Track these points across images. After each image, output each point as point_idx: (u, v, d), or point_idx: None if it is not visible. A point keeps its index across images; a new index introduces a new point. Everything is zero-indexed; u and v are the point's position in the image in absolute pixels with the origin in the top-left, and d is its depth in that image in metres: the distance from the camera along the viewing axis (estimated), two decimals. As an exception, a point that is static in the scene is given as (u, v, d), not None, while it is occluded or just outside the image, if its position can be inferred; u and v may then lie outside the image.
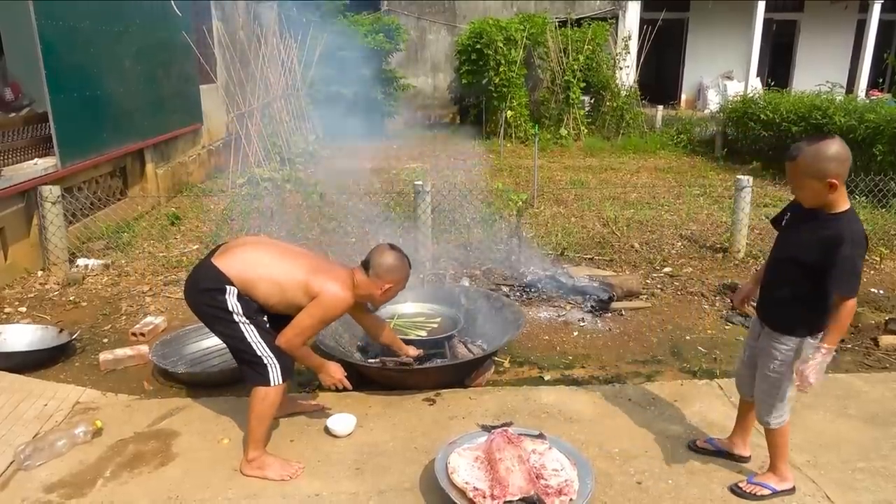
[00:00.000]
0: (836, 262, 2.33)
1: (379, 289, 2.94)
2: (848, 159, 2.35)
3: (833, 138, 2.36)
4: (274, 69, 9.86)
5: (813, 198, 2.42)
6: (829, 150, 2.32)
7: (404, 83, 14.13)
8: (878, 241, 6.29)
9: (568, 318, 4.69)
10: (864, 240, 2.40)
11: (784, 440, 2.71)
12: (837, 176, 2.32)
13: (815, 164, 2.33)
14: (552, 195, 8.37)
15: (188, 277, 2.91)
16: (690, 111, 15.95)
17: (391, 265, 2.93)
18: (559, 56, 13.01)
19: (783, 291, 2.58)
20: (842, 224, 2.38)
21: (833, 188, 2.34)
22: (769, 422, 2.66)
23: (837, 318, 2.38)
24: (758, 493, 2.69)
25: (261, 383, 2.78)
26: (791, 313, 2.53)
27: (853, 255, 2.33)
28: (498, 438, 2.75)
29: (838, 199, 2.39)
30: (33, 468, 2.85)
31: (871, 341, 4.30)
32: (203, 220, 7.16)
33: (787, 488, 2.72)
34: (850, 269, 2.33)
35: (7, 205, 5.17)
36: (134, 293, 5.08)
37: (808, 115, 9.41)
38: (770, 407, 2.64)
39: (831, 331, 2.40)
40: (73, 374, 3.84)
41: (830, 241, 2.36)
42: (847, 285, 2.34)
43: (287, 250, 2.96)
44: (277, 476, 2.79)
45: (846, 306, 2.36)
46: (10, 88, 6.58)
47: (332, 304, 2.79)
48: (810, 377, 2.39)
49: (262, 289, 2.78)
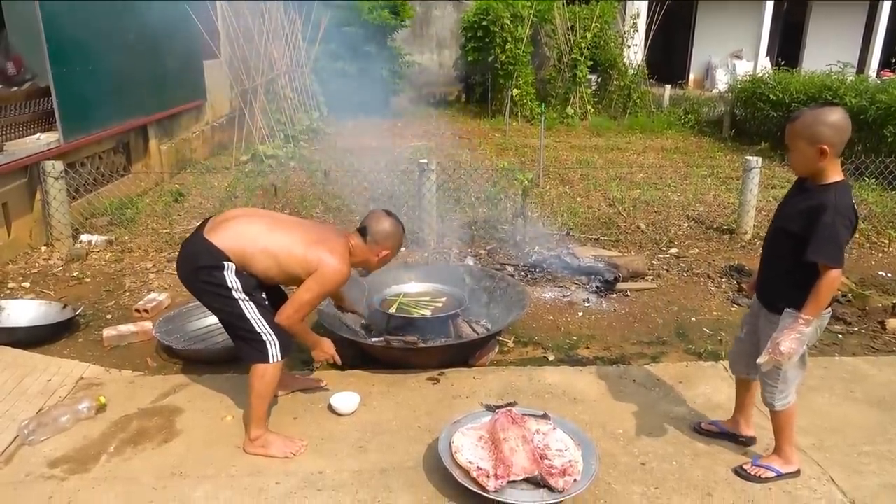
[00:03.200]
0: (817, 229, 2.29)
1: (376, 255, 2.94)
2: (846, 130, 2.30)
3: (837, 107, 2.33)
4: (278, 45, 9.75)
5: (802, 162, 2.38)
6: (828, 116, 2.29)
7: (409, 60, 13.97)
8: (887, 223, 6.23)
9: (573, 299, 4.66)
10: (850, 211, 2.33)
11: (790, 423, 2.68)
12: (830, 143, 2.28)
13: (811, 127, 2.30)
14: (558, 175, 8.31)
15: (181, 254, 2.85)
16: (698, 91, 15.76)
17: (389, 231, 2.92)
18: (566, 34, 12.83)
19: (776, 267, 2.55)
20: (829, 194, 2.33)
21: (823, 155, 2.30)
22: (773, 404, 2.63)
23: (818, 287, 2.31)
24: (762, 475, 2.68)
25: (260, 360, 2.76)
26: (784, 291, 2.46)
27: (834, 223, 2.28)
28: (502, 418, 2.73)
29: (829, 169, 2.35)
30: (37, 443, 2.86)
31: (879, 325, 4.27)
32: (207, 196, 7.13)
33: (792, 471, 2.70)
34: (830, 236, 2.27)
35: (10, 180, 5.14)
36: (137, 269, 5.07)
37: (818, 95, 9.28)
38: (773, 389, 2.61)
39: (809, 301, 2.33)
40: (77, 350, 3.84)
41: (815, 209, 2.32)
42: (825, 252, 2.28)
43: (280, 220, 2.90)
44: (281, 453, 2.79)
45: (828, 276, 2.29)
46: (12, 62, 6.52)
47: (330, 279, 2.75)
48: (782, 346, 2.34)
49: (260, 263, 2.73)
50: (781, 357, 2.34)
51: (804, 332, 2.34)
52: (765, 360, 2.40)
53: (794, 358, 2.36)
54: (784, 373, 2.56)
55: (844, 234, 2.30)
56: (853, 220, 2.35)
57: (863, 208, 6.74)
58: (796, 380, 2.62)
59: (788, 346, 2.33)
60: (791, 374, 2.58)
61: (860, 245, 5.87)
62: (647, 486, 2.65)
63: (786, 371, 2.55)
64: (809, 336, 2.43)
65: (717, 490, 2.63)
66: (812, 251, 2.29)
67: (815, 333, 2.55)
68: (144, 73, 7.37)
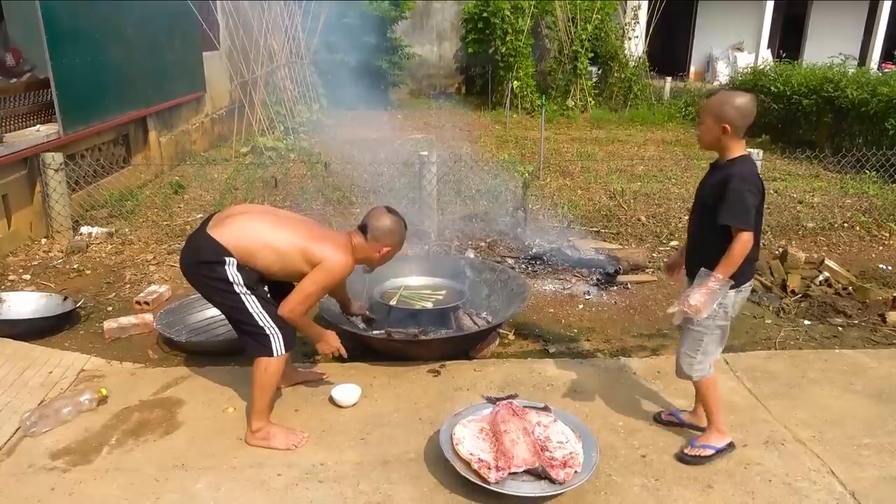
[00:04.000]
0: (725, 197, 2.46)
1: (377, 252, 2.93)
2: (749, 115, 2.51)
3: (748, 93, 2.55)
4: (278, 37, 9.71)
5: (706, 135, 2.58)
6: (736, 99, 2.50)
7: (409, 52, 13.92)
8: (887, 216, 6.23)
9: (573, 291, 4.67)
10: (754, 178, 2.52)
11: (713, 393, 2.79)
12: (732, 123, 2.49)
13: (719, 105, 2.52)
14: (558, 167, 8.30)
15: (184, 249, 2.86)
16: (699, 83, 15.75)
17: (389, 228, 2.91)
18: (567, 25, 12.79)
19: (696, 239, 2.71)
20: (734, 166, 2.53)
21: (725, 132, 2.51)
22: (691, 375, 2.74)
23: (730, 249, 2.46)
24: (702, 454, 2.75)
25: (264, 354, 2.77)
26: (705, 261, 2.57)
27: (740, 189, 2.45)
28: (503, 410, 2.74)
29: (732, 146, 2.55)
30: (39, 435, 2.87)
31: (879, 317, 4.27)
32: (207, 189, 7.12)
33: (727, 443, 2.78)
34: (737, 200, 2.45)
35: (9, 172, 5.13)
36: (138, 261, 5.07)
37: (819, 87, 9.25)
38: (692, 360, 2.72)
39: (722, 260, 2.47)
40: (78, 342, 3.84)
41: (723, 180, 2.50)
42: (733, 215, 2.45)
43: (283, 217, 2.93)
44: (282, 445, 2.80)
45: (739, 238, 2.44)
46: (11, 54, 6.51)
47: (335, 270, 2.77)
48: (691, 298, 2.48)
49: (262, 258, 2.75)
50: (690, 309, 2.49)
51: (714, 290, 2.47)
52: (675, 311, 2.56)
53: (702, 313, 2.50)
54: (705, 345, 2.68)
55: (751, 199, 2.46)
56: (759, 186, 2.53)
57: (863, 201, 6.75)
58: (715, 354, 2.75)
59: (697, 298, 2.48)
60: (710, 347, 2.71)
61: (861, 238, 5.87)
62: (648, 477, 2.66)
63: (706, 344, 2.68)
64: (729, 305, 2.60)
65: (717, 482, 2.64)
66: (722, 215, 2.47)
67: (733, 306, 2.66)
68: (144, 64, 7.35)
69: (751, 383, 3.39)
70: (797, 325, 4.20)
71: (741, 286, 2.61)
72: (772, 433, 2.96)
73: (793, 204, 6.70)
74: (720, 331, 2.70)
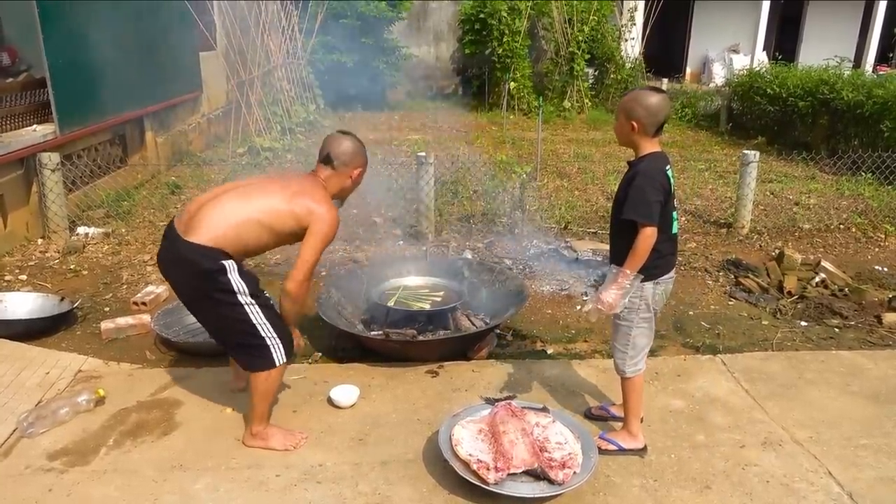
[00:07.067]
0: (630, 193, 2.55)
1: (349, 177, 2.88)
2: (657, 114, 2.55)
3: (662, 94, 2.58)
4: (274, 37, 9.69)
5: (619, 132, 2.68)
6: (647, 98, 2.56)
7: (406, 53, 13.91)
8: (884, 218, 6.26)
9: (571, 292, 4.67)
10: (657, 174, 2.56)
11: (637, 395, 2.81)
12: (640, 122, 2.55)
13: (630, 102, 2.58)
14: (555, 168, 8.31)
15: (169, 264, 2.68)
16: (695, 85, 15.77)
17: (353, 149, 2.88)
18: (564, 27, 12.80)
19: (614, 236, 2.75)
20: (641, 164, 2.61)
21: (634, 130, 2.58)
22: (625, 371, 2.77)
23: (635, 244, 2.51)
24: (603, 447, 2.77)
25: (266, 368, 2.70)
26: (620, 257, 2.61)
27: (643, 185, 2.52)
28: (501, 411, 2.74)
29: (642, 143, 2.62)
30: (36, 435, 2.86)
31: (875, 319, 4.29)
32: (203, 189, 7.08)
33: (637, 447, 2.79)
34: (640, 196, 2.51)
35: (6, 172, 5.11)
36: (135, 262, 5.05)
37: (815, 89, 9.27)
38: (624, 356, 2.75)
39: (629, 257, 2.53)
40: (75, 343, 3.83)
41: (631, 178, 2.59)
42: (636, 210, 2.51)
43: (249, 186, 2.79)
44: (281, 446, 2.79)
45: (643, 233, 2.50)
46: (7, 53, 6.49)
47: (327, 229, 2.68)
48: (603, 296, 2.56)
49: (251, 235, 2.64)
50: (603, 306, 2.57)
51: (624, 285, 2.55)
52: (589, 308, 2.64)
53: (615, 309, 2.57)
54: (633, 339, 2.72)
55: (652, 194, 2.52)
56: (664, 183, 2.56)
57: (859, 203, 6.77)
58: (645, 348, 2.78)
59: (608, 294, 2.55)
60: (639, 341, 2.74)
61: (857, 240, 5.89)
62: (646, 478, 2.67)
63: (634, 338, 2.72)
64: (649, 298, 2.65)
65: (715, 483, 2.65)
66: (626, 211, 2.55)
67: (654, 298, 2.69)
68: (140, 64, 7.33)
69: (748, 384, 3.40)
70: (794, 327, 4.21)
71: (658, 279, 2.66)
72: (769, 434, 2.97)
73: (789, 205, 6.72)
74: (646, 324, 2.74)
